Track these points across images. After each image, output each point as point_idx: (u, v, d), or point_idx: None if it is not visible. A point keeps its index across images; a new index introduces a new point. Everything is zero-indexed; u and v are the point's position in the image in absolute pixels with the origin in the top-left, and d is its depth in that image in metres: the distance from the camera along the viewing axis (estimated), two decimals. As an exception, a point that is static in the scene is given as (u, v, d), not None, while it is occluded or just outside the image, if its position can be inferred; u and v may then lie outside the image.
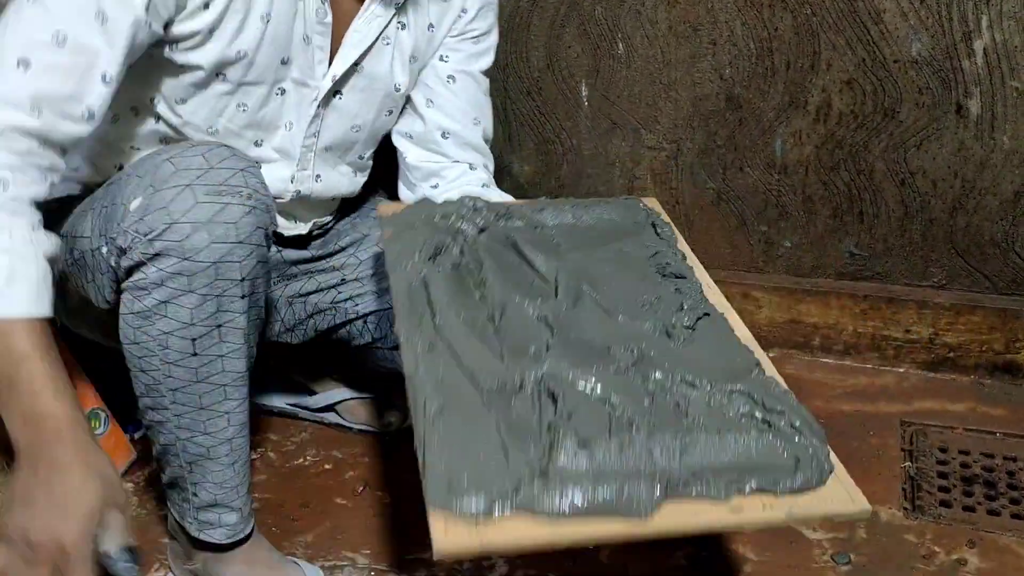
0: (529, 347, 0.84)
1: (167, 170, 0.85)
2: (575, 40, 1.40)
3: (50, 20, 0.83)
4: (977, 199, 1.30)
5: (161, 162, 0.86)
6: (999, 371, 1.38)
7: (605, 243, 1.03)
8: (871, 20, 1.23)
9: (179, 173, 0.84)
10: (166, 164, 0.85)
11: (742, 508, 0.73)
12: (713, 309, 0.94)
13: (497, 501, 0.71)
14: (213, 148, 0.88)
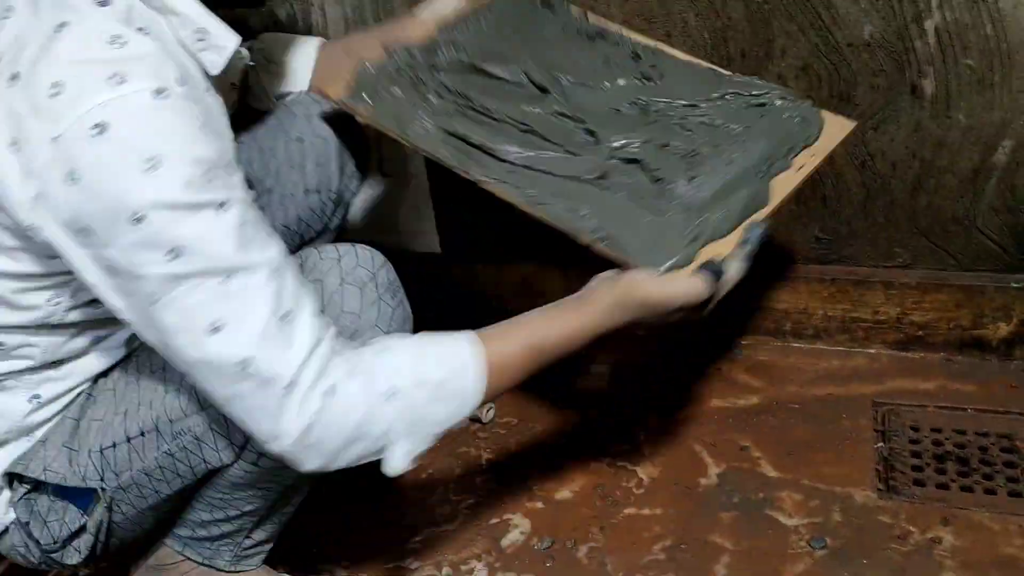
0: (576, 137, 0.98)
1: (352, 292, 0.90)
2: (531, 38, 1.39)
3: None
4: (936, 178, 1.31)
5: (333, 285, 0.90)
6: (967, 347, 1.38)
7: (525, 34, 1.12)
8: (822, 5, 1.23)
9: (365, 290, 0.91)
10: (346, 287, 0.90)
11: (800, 165, 1.00)
12: (652, 46, 1.13)
13: (690, 244, 0.90)
14: (358, 254, 0.93)
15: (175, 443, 0.90)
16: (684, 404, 1.38)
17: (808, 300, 1.44)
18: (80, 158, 0.70)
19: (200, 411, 0.89)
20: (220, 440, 0.90)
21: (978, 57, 1.21)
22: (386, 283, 0.92)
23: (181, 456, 0.91)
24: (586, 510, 1.21)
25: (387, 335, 0.89)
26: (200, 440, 0.90)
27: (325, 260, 0.91)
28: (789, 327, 1.47)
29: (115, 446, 0.91)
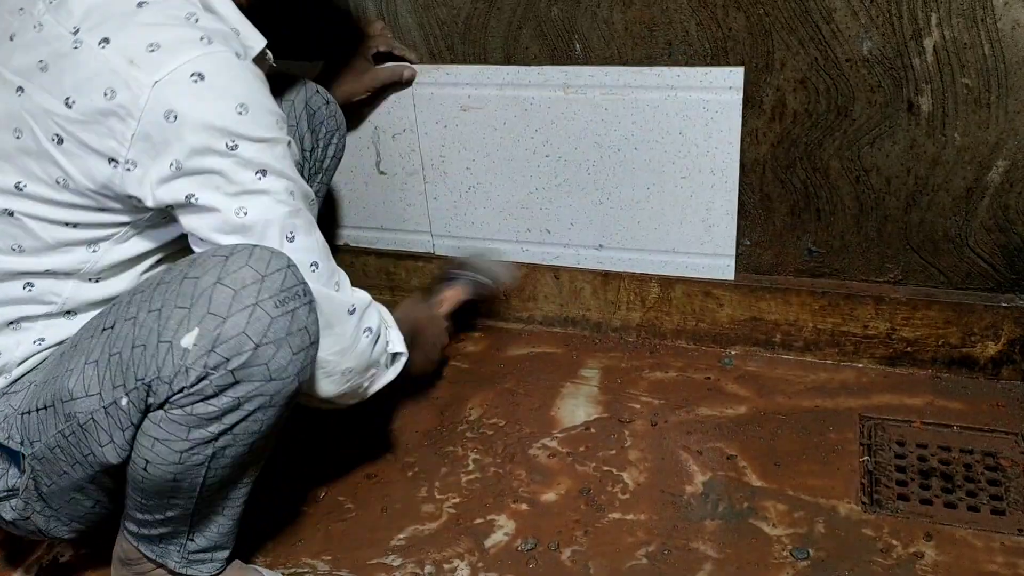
0: None
1: (223, 295, 0.84)
2: (532, 41, 1.40)
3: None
4: (930, 195, 1.31)
5: (205, 288, 0.84)
6: (956, 365, 1.39)
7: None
8: (823, 19, 1.24)
9: (240, 293, 0.84)
10: (219, 288, 0.84)
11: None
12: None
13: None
14: (248, 254, 0.86)
15: (67, 426, 0.91)
16: (672, 411, 1.38)
17: (799, 312, 1.44)
18: (180, 99, 0.85)
19: (85, 397, 0.88)
20: (102, 434, 0.89)
21: (975, 76, 1.22)
22: (274, 290, 0.86)
23: (72, 440, 0.91)
24: (571, 513, 1.21)
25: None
26: (84, 428, 0.90)
27: (212, 257, 0.88)
28: (779, 338, 1.48)
29: (30, 413, 0.93)
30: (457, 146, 1.51)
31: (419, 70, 1.47)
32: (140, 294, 0.89)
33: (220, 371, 0.84)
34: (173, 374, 0.84)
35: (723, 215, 1.42)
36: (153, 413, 0.88)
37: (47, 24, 0.89)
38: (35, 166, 0.90)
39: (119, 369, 0.87)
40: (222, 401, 0.86)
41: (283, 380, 0.88)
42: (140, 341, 0.86)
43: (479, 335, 1.63)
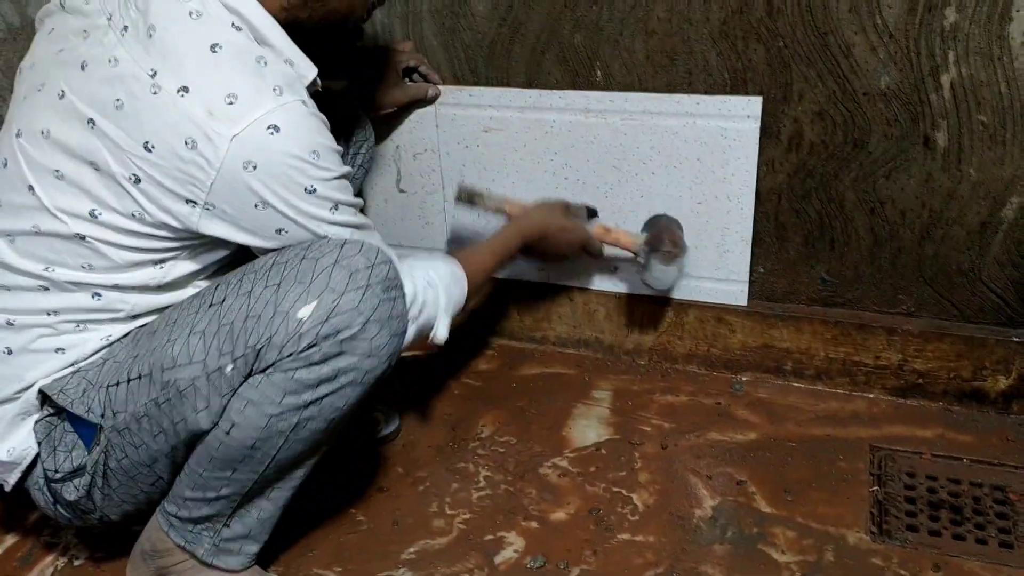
0: None
1: (341, 274, 0.94)
2: (555, 66, 1.42)
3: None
4: (945, 229, 1.33)
5: (325, 267, 0.94)
6: (967, 398, 1.40)
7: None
8: (841, 54, 1.26)
9: (355, 275, 0.94)
10: (337, 268, 0.94)
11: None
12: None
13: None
14: (361, 245, 0.97)
15: (162, 393, 0.96)
16: (682, 435, 1.39)
17: (811, 341, 1.45)
18: (259, 151, 0.90)
19: (188, 364, 0.94)
20: (200, 400, 0.95)
21: (991, 114, 1.23)
22: (381, 277, 0.96)
23: (165, 408, 0.96)
24: (580, 533, 1.22)
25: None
26: (182, 395, 0.95)
27: (328, 243, 0.97)
28: (791, 366, 1.49)
29: (118, 384, 0.98)
30: (478, 167, 1.53)
31: (443, 91, 1.49)
32: (252, 273, 0.97)
33: (330, 340, 0.93)
34: (285, 339, 0.92)
35: (738, 241, 1.44)
36: (254, 377, 0.95)
37: (123, 61, 0.92)
38: (111, 198, 0.95)
39: (228, 337, 0.94)
40: (323, 370, 0.94)
41: (378, 358, 0.96)
42: (255, 312, 0.93)
43: (492, 353, 1.65)
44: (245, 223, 0.96)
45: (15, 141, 0.98)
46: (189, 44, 0.92)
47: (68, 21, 1.00)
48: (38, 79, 0.99)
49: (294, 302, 0.92)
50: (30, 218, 0.97)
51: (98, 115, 0.92)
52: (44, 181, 0.96)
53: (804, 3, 1.25)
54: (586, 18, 1.37)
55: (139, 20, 0.93)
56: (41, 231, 0.97)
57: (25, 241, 0.98)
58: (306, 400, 0.95)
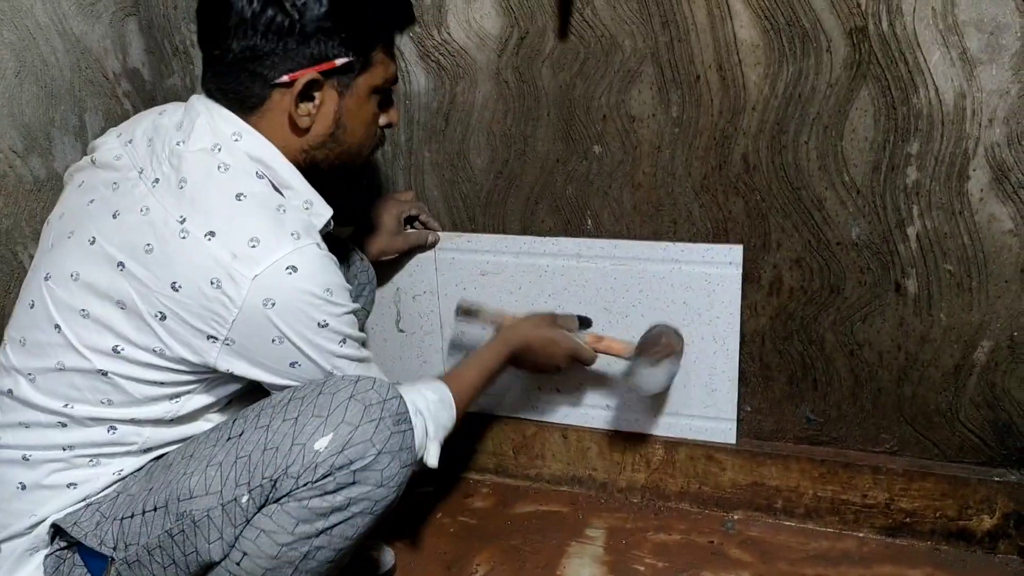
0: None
1: (356, 408, 0.99)
2: (548, 215, 1.52)
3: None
4: (921, 371, 1.39)
5: (341, 401, 0.99)
6: (954, 537, 1.42)
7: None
8: (814, 207, 1.36)
9: (369, 409, 1.00)
10: (352, 402, 0.99)
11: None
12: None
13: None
14: (374, 381, 1.03)
15: (176, 524, 0.98)
16: (676, 574, 1.39)
17: (799, 479, 1.49)
18: (277, 289, 0.98)
19: (204, 495, 0.97)
20: (213, 531, 0.97)
21: (956, 263, 1.32)
22: (393, 411, 1.01)
23: (178, 539, 0.98)
24: (574, 677, 1.21)
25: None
26: (196, 525, 0.98)
27: (343, 379, 1.03)
28: (781, 504, 1.51)
29: (132, 517, 1.01)
30: (474, 308, 1.61)
31: (442, 237, 1.58)
32: (271, 408, 1.02)
33: (344, 470, 0.97)
34: (301, 470, 0.96)
35: (725, 380, 1.49)
36: (268, 507, 0.98)
37: (153, 209, 1.01)
38: (135, 335, 1.00)
39: (245, 469, 0.98)
40: (336, 499, 0.98)
41: (388, 488, 1.01)
42: (272, 445, 0.98)
43: (486, 491, 1.67)
44: (261, 358, 1.02)
45: (43, 284, 1.04)
46: (217, 194, 1.01)
47: (98, 175, 1.08)
48: (67, 228, 1.06)
49: (311, 434, 0.97)
50: (54, 356, 1.02)
51: (128, 258, 0.99)
52: (70, 320, 1.02)
53: (778, 161, 1.35)
54: (577, 172, 1.47)
55: (171, 174, 1.02)
56: (65, 368, 1.02)
57: (47, 379, 1.03)
58: (318, 528, 0.98)
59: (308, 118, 1.08)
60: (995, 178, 1.26)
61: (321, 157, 1.12)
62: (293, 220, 1.03)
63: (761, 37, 1.30)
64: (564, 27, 1.40)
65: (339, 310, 1.04)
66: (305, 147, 1.10)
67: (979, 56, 1.21)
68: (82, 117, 1.47)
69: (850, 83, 1.28)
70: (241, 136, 1.06)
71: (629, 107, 1.40)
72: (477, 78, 1.48)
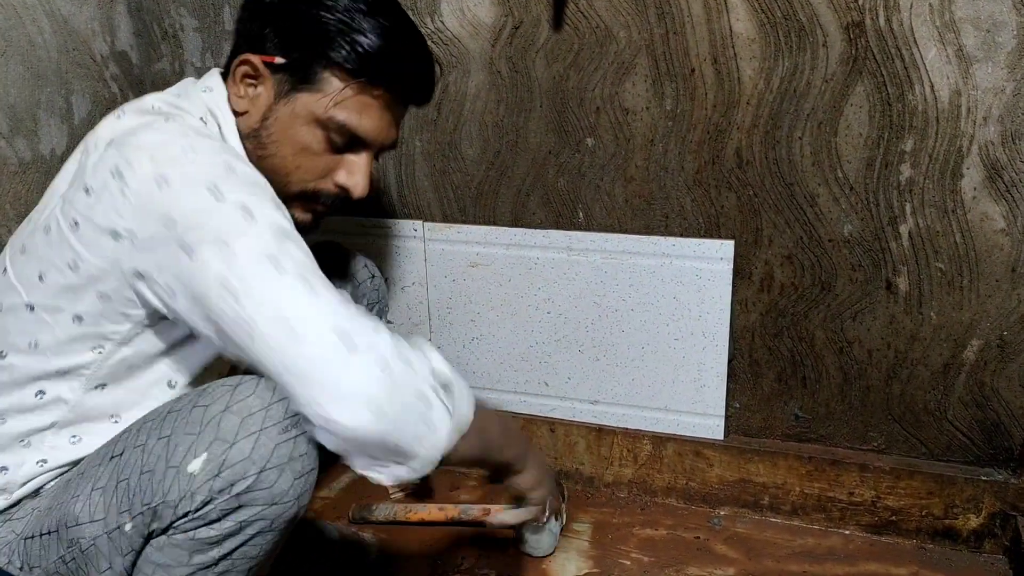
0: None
1: (231, 421, 0.87)
2: (539, 208, 1.51)
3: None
4: (910, 369, 1.39)
5: (214, 415, 0.88)
6: (939, 536, 1.42)
7: None
8: (807, 203, 1.35)
9: (246, 420, 0.87)
10: (227, 415, 0.87)
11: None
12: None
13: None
14: (255, 383, 0.90)
15: (68, 551, 0.92)
16: (662, 569, 1.39)
17: (786, 476, 1.48)
18: (171, 166, 0.88)
19: (90, 523, 0.90)
20: (102, 560, 0.91)
21: (948, 261, 1.31)
22: (278, 418, 0.88)
23: (72, 566, 0.92)
24: (559, 671, 1.20)
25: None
26: (85, 554, 0.91)
27: (221, 387, 0.91)
28: (767, 501, 1.51)
29: (33, 538, 0.95)
30: (463, 299, 1.59)
31: (432, 227, 1.57)
32: (150, 423, 0.92)
33: (224, 495, 0.86)
34: (179, 498, 0.86)
35: (714, 377, 1.49)
36: (156, 539, 0.90)
37: (97, 131, 0.99)
38: (55, 255, 0.94)
39: (126, 495, 0.89)
40: (224, 525, 0.88)
41: (284, 504, 0.89)
42: (148, 467, 0.88)
43: (473, 484, 1.66)
44: (159, 257, 0.89)
45: (12, 238, 1.03)
46: (144, 106, 0.99)
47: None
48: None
49: (184, 455, 0.87)
50: (0, 296, 0.99)
51: (65, 184, 0.96)
52: (14, 259, 0.98)
53: (771, 156, 1.34)
54: (569, 164, 1.46)
55: (128, 107, 1.01)
56: (2, 308, 0.98)
57: None
58: (215, 556, 0.90)
59: (243, 101, 1.02)
60: (988, 177, 1.26)
61: (249, 148, 1.03)
62: (201, 129, 0.97)
63: (757, 31, 1.29)
64: (559, 17, 1.39)
65: (241, 188, 0.89)
66: (240, 130, 1.04)
67: (975, 53, 1.21)
68: (69, 99, 1.45)
69: (846, 78, 1.27)
70: (211, 90, 1.03)
71: (623, 99, 1.40)
72: (470, 68, 1.47)
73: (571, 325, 1.55)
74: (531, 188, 1.50)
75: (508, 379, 1.62)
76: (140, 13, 1.60)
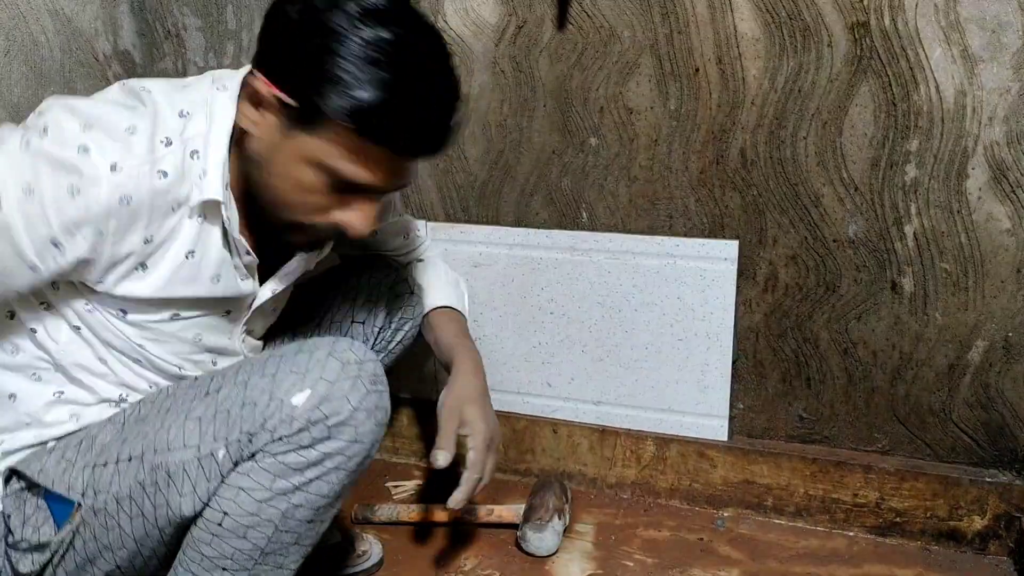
0: None
1: (334, 365, 0.97)
2: (542, 208, 1.50)
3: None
4: (915, 370, 1.38)
5: (320, 358, 0.98)
6: (944, 538, 1.41)
7: None
8: (811, 203, 1.35)
9: (347, 367, 0.98)
10: (331, 359, 0.98)
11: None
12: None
13: None
14: (350, 343, 1.01)
15: (150, 475, 0.97)
16: (665, 570, 1.39)
17: (791, 477, 1.48)
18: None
19: (182, 448, 0.96)
20: (187, 484, 0.96)
21: (953, 262, 1.31)
22: (370, 373, 0.99)
23: (151, 490, 0.97)
24: (562, 672, 1.20)
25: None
26: (171, 477, 0.96)
27: (322, 339, 1.01)
28: (771, 502, 1.50)
29: (106, 465, 0.99)
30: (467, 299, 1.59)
31: (435, 227, 1.57)
32: (250, 365, 1.00)
33: (320, 425, 0.95)
34: (277, 423, 0.94)
35: (718, 377, 1.48)
36: (244, 464, 0.96)
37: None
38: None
39: (224, 423, 0.96)
40: (311, 454, 0.96)
41: (363, 444, 0.99)
42: (251, 400, 0.96)
43: (476, 484, 1.65)
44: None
45: None
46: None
47: None
48: None
49: (289, 389, 0.95)
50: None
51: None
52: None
53: (776, 156, 1.34)
54: (573, 164, 1.46)
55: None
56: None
57: None
58: (295, 484, 0.97)
59: (248, 122, 0.98)
60: (994, 177, 1.25)
61: (251, 172, 1.01)
62: (143, 123, 0.94)
63: (762, 30, 1.29)
64: (563, 17, 1.38)
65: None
66: (243, 151, 1.00)
67: (980, 54, 1.20)
68: (71, 98, 1.45)
69: (850, 78, 1.27)
70: (226, 88, 1.00)
71: (627, 99, 1.39)
72: (473, 67, 1.46)
73: (574, 325, 1.54)
74: (534, 188, 1.50)
75: (511, 379, 1.62)
76: (143, 12, 1.60)
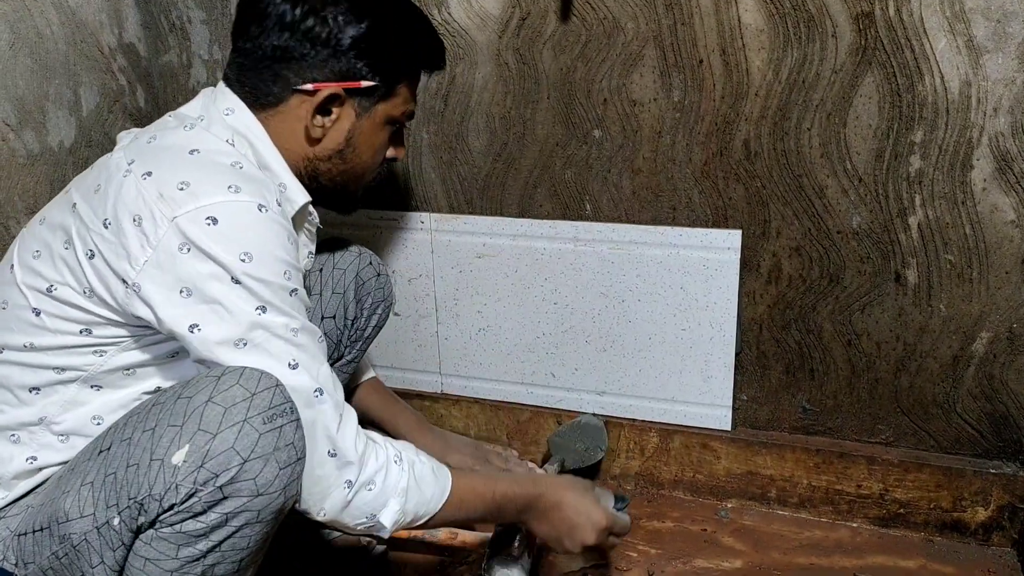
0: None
1: (214, 413, 0.87)
2: (546, 199, 1.50)
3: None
4: (919, 362, 1.38)
5: (197, 406, 0.87)
6: (947, 529, 1.41)
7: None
8: (815, 195, 1.34)
9: (229, 410, 0.87)
10: (210, 406, 0.87)
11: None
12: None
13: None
14: (239, 373, 0.90)
15: (60, 547, 0.92)
16: (669, 561, 1.39)
17: (794, 468, 1.48)
18: (194, 237, 0.91)
19: (80, 518, 0.90)
20: (94, 556, 0.90)
21: (958, 253, 1.31)
22: (263, 407, 0.88)
23: (65, 562, 0.92)
24: (565, 662, 1.21)
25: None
26: (77, 549, 0.91)
27: (205, 378, 0.90)
28: (774, 494, 1.51)
29: (26, 535, 0.95)
30: (470, 291, 1.59)
31: (439, 219, 1.57)
32: (136, 416, 0.92)
33: (209, 487, 0.86)
34: (164, 491, 0.86)
35: (721, 367, 1.48)
36: (144, 533, 0.89)
37: (115, 156, 1.00)
38: (68, 274, 0.96)
39: (113, 489, 0.89)
40: (210, 518, 0.87)
41: (270, 495, 0.89)
42: (134, 460, 0.88)
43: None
44: (171, 308, 0.92)
45: (21, 232, 1.05)
46: (173, 143, 0.99)
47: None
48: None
49: (167, 447, 0.86)
50: (2, 295, 1.01)
51: (80, 199, 0.98)
52: (24, 259, 1.00)
53: (779, 148, 1.34)
54: (576, 156, 1.46)
55: (144, 134, 1.02)
56: (7, 306, 1.00)
57: None
58: (203, 549, 0.89)
59: (321, 129, 1.07)
60: (998, 168, 1.25)
61: (324, 169, 1.10)
62: (242, 176, 0.96)
63: (766, 21, 1.28)
64: (566, 8, 1.38)
65: (260, 275, 0.92)
66: (311, 155, 1.09)
67: (985, 44, 1.20)
68: (76, 91, 1.45)
69: (855, 69, 1.26)
70: (233, 111, 1.05)
71: (630, 91, 1.39)
72: (477, 59, 1.46)
73: (578, 316, 1.54)
74: (538, 180, 1.50)
75: (515, 370, 1.63)
76: (148, 5, 1.60)
